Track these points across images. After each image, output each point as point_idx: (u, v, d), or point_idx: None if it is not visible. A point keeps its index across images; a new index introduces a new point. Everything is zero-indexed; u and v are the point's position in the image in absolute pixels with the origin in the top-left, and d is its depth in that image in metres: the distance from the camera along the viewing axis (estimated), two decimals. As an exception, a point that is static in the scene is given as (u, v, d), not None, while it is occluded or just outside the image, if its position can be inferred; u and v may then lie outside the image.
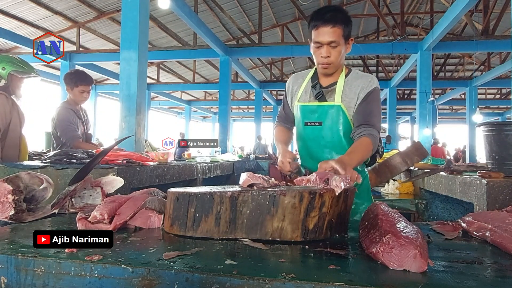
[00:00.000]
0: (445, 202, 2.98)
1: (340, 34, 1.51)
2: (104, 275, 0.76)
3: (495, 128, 2.20)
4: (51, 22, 9.88)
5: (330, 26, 1.49)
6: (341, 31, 1.51)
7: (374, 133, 1.54)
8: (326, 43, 1.51)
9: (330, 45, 1.52)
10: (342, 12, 1.54)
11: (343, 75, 1.64)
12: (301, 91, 1.72)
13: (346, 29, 1.53)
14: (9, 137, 2.65)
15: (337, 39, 1.51)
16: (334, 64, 1.57)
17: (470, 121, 13.06)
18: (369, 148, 1.50)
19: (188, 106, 19.90)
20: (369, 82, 1.60)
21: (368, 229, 0.94)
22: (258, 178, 1.15)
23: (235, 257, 0.82)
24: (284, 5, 11.06)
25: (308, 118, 1.68)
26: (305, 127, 1.69)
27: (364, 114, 1.58)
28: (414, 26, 13.62)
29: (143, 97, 4.82)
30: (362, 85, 1.60)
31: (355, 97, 1.60)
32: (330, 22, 1.49)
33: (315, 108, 1.66)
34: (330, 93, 1.64)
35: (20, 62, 2.70)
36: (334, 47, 1.53)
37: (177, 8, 6.89)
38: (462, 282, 0.69)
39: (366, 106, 1.58)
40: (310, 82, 1.71)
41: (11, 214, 1.21)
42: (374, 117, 1.58)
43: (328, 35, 1.50)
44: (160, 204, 1.19)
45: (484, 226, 1.04)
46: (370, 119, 1.56)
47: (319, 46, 1.54)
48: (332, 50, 1.53)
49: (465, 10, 6.74)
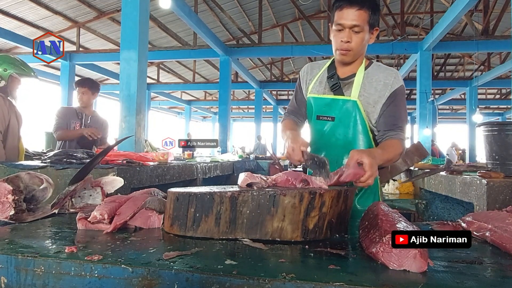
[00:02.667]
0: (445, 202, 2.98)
1: (365, 19, 1.38)
2: (104, 275, 0.76)
3: (495, 128, 2.20)
4: (51, 22, 9.88)
5: (356, 8, 1.36)
6: (367, 15, 1.38)
7: (403, 137, 1.45)
8: (348, 27, 1.38)
9: (352, 29, 1.39)
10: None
11: (363, 67, 1.50)
12: (314, 81, 1.58)
13: (373, 15, 1.40)
14: (9, 138, 2.67)
15: (361, 23, 1.38)
16: (354, 52, 1.43)
17: (470, 121, 13.07)
18: (399, 151, 1.41)
19: (188, 106, 19.91)
20: (393, 78, 1.46)
21: (368, 229, 0.94)
22: (256, 177, 1.15)
23: (235, 257, 0.82)
24: (284, 5, 11.05)
25: (320, 112, 1.54)
26: (317, 121, 1.55)
27: (394, 118, 1.46)
28: (414, 26, 13.61)
29: (143, 97, 4.82)
30: (386, 81, 1.46)
31: (375, 93, 1.46)
32: (357, 3, 1.37)
33: (329, 102, 1.52)
34: (348, 86, 1.50)
35: (21, 63, 2.71)
36: (356, 32, 1.39)
37: (177, 8, 6.89)
38: (462, 282, 0.69)
39: (394, 109, 1.45)
40: (326, 73, 1.56)
41: (11, 214, 1.20)
42: (403, 121, 1.47)
43: (352, 18, 1.37)
44: (160, 204, 1.19)
45: (484, 226, 1.04)
46: (398, 123, 1.45)
47: (341, 29, 1.41)
48: (354, 35, 1.40)
49: (465, 10, 6.75)
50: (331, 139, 1.53)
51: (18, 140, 2.79)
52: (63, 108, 3.68)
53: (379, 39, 11.83)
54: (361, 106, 1.47)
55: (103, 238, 1.00)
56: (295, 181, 1.14)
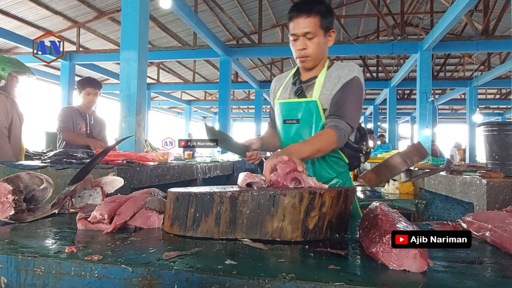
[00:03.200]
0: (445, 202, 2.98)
1: (316, 24, 1.44)
2: (104, 275, 0.76)
3: (495, 128, 2.20)
4: (51, 22, 9.88)
5: (305, 17, 1.43)
6: (318, 21, 1.44)
7: (341, 125, 1.41)
8: (301, 35, 1.46)
9: (305, 37, 1.46)
10: (320, 3, 1.46)
11: (325, 69, 1.55)
12: (281, 90, 1.66)
13: (324, 19, 1.46)
14: (12, 136, 2.69)
15: (312, 29, 1.44)
16: (312, 57, 1.50)
17: (470, 121, 13.06)
18: (330, 140, 1.38)
19: (188, 106, 19.90)
20: (348, 70, 1.50)
21: (368, 229, 0.94)
22: (255, 177, 1.15)
23: (235, 257, 0.82)
24: (284, 5, 11.05)
25: (286, 116, 1.61)
26: (284, 125, 1.62)
27: (336, 105, 1.47)
28: (414, 26, 13.61)
29: (143, 97, 4.82)
30: (341, 74, 1.50)
31: (333, 89, 1.50)
32: (305, 12, 1.43)
33: (293, 105, 1.58)
34: (310, 88, 1.56)
35: (17, 62, 2.76)
36: (310, 39, 1.46)
37: (177, 8, 6.89)
38: (462, 282, 0.69)
39: (340, 96, 1.47)
40: (291, 79, 1.64)
41: (11, 214, 1.21)
42: (346, 107, 1.45)
43: (303, 26, 1.44)
44: (160, 204, 1.19)
45: (484, 226, 1.04)
46: (340, 110, 1.44)
47: (296, 38, 1.48)
48: (308, 42, 1.47)
49: (465, 10, 6.74)
50: (298, 141, 1.59)
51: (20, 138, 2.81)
52: (67, 109, 3.59)
53: (379, 39, 11.85)
54: (320, 106, 1.51)
55: (103, 238, 1.00)
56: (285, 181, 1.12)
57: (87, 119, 3.43)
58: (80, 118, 3.37)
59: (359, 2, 11.96)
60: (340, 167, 1.63)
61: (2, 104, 2.59)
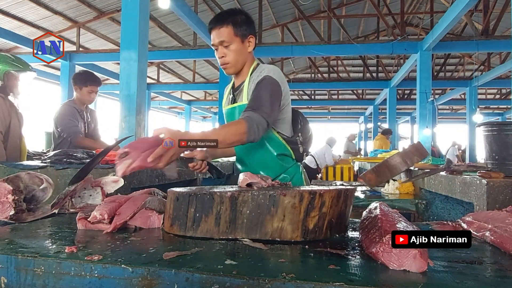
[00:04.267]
0: (445, 202, 2.98)
1: (230, 33, 1.56)
2: (104, 275, 0.76)
3: (495, 128, 2.20)
4: (51, 22, 9.87)
5: (218, 27, 1.57)
6: (231, 30, 1.56)
7: (254, 116, 1.39)
8: (218, 44, 1.58)
9: (222, 45, 1.58)
10: (234, 13, 1.60)
11: (250, 72, 1.67)
12: (224, 99, 1.81)
13: (238, 28, 1.57)
14: (10, 138, 2.65)
15: (226, 38, 1.56)
16: (232, 64, 1.61)
17: (470, 121, 13.05)
18: (239, 131, 1.34)
19: (188, 106, 19.90)
20: (260, 73, 1.61)
21: (368, 229, 0.94)
22: (256, 177, 1.16)
23: (235, 257, 0.82)
24: (284, 5, 11.05)
25: (228, 121, 1.73)
26: None
27: (251, 100, 1.52)
28: (414, 26, 13.61)
29: (143, 97, 4.81)
30: (256, 77, 1.61)
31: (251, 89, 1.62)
32: (217, 23, 1.57)
33: (230, 111, 1.72)
34: (239, 94, 1.69)
35: (14, 60, 2.64)
36: (226, 47, 1.58)
37: (177, 8, 6.89)
38: (462, 282, 0.69)
39: (254, 93, 1.53)
40: (230, 89, 1.78)
41: (11, 214, 1.21)
42: (259, 101, 1.48)
43: (218, 36, 1.57)
44: (160, 204, 1.19)
45: (484, 226, 1.04)
46: (254, 103, 1.48)
47: (216, 48, 1.61)
48: (226, 50, 1.59)
49: (465, 10, 6.74)
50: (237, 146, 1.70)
51: (20, 140, 2.78)
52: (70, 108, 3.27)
53: (379, 39, 11.85)
54: None
55: (103, 238, 1.00)
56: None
57: (84, 117, 3.32)
58: (79, 117, 3.27)
59: (359, 2, 11.95)
60: (286, 162, 1.72)
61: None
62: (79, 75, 3.36)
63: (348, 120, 25.57)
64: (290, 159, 1.74)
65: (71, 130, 3.16)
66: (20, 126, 2.76)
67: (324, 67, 16.15)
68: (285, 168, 1.71)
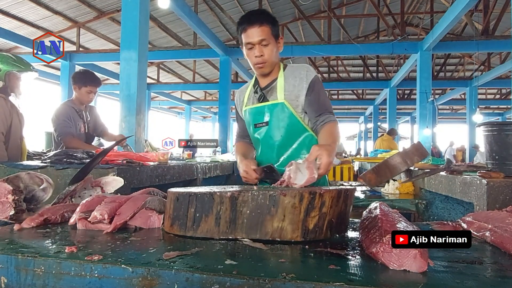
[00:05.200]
0: (445, 202, 2.98)
1: (268, 32, 1.58)
2: (104, 275, 0.76)
3: (495, 128, 2.20)
4: (51, 22, 9.88)
5: (258, 26, 1.56)
6: (269, 29, 1.58)
7: (335, 118, 1.60)
8: (257, 43, 1.58)
9: (261, 44, 1.59)
10: (266, 14, 1.63)
11: (281, 72, 1.69)
12: (245, 99, 1.79)
13: (274, 28, 1.60)
14: (11, 139, 2.65)
15: (266, 37, 1.58)
16: (269, 62, 1.63)
17: (470, 121, 13.06)
18: (339, 132, 1.57)
19: (188, 106, 19.90)
20: (306, 71, 1.65)
21: (368, 229, 0.94)
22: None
23: (235, 257, 0.82)
24: (284, 5, 11.05)
25: (256, 120, 1.73)
26: (255, 129, 1.74)
27: (318, 103, 1.62)
28: (414, 26, 13.61)
29: (143, 97, 4.82)
30: (300, 75, 1.65)
31: (294, 89, 1.64)
32: (257, 22, 1.57)
33: (260, 109, 1.71)
34: (271, 92, 1.69)
35: (15, 60, 2.62)
36: (265, 46, 1.59)
37: (177, 8, 6.89)
38: (462, 282, 0.69)
39: (316, 96, 1.62)
40: (252, 89, 1.77)
41: (11, 214, 1.20)
42: (326, 103, 1.63)
43: (258, 34, 1.57)
44: (160, 204, 1.19)
45: (484, 226, 1.04)
46: (325, 107, 1.62)
47: (251, 47, 1.60)
48: (264, 49, 1.60)
49: (465, 10, 6.75)
50: (269, 142, 1.71)
51: (21, 140, 2.78)
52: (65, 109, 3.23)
53: (379, 39, 11.85)
54: (289, 105, 1.64)
55: (103, 238, 1.00)
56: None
57: (84, 117, 3.28)
58: (78, 118, 3.22)
59: (359, 2, 11.96)
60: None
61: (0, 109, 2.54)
62: (79, 74, 3.31)
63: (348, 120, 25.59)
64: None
65: (62, 131, 3.11)
66: (21, 127, 2.76)
67: (324, 67, 16.15)
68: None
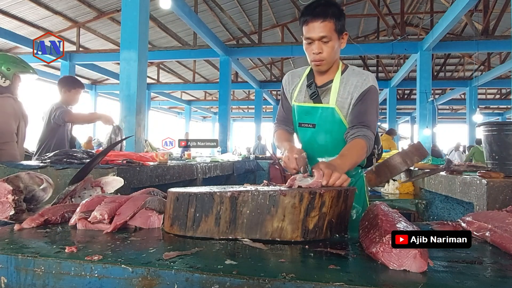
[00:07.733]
0: (445, 202, 2.98)
1: (331, 28, 1.43)
2: (104, 275, 0.76)
3: (495, 128, 2.20)
4: (51, 22, 9.88)
5: (321, 20, 1.41)
6: (333, 25, 1.43)
7: (369, 134, 1.44)
8: (317, 39, 1.44)
9: (321, 41, 1.44)
10: (333, 6, 1.45)
11: (339, 73, 1.55)
12: (297, 91, 1.64)
13: (338, 23, 1.44)
14: (20, 139, 2.69)
15: (328, 33, 1.42)
16: (327, 61, 1.49)
17: (470, 121, 13.07)
18: (363, 150, 1.41)
19: (188, 106, 19.91)
20: (363, 80, 1.51)
21: (368, 229, 0.94)
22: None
23: (235, 257, 0.82)
24: (284, 5, 11.05)
25: (302, 119, 1.61)
26: (299, 128, 1.63)
27: (358, 114, 1.49)
28: (414, 26, 13.61)
29: (143, 97, 4.82)
30: (356, 83, 1.51)
31: (348, 97, 1.51)
32: (320, 16, 1.41)
33: (309, 109, 1.58)
34: (325, 93, 1.56)
35: (20, 61, 2.71)
36: (325, 42, 1.44)
37: (177, 8, 6.89)
38: (462, 282, 0.69)
39: (360, 106, 1.49)
40: (305, 81, 1.62)
41: (11, 214, 1.20)
42: (369, 117, 1.48)
43: (319, 30, 1.42)
44: (160, 204, 1.19)
45: (484, 226, 1.04)
46: (364, 119, 1.47)
47: (311, 42, 1.46)
48: (324, 46, 1.45)
49: (465, 10, 6.75)
50: (313, 146, 1.60)
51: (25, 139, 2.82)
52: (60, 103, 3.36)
53: (379, 39, 11.84)
54: (339, 112, 1.53)
55: (103, 238, 1.00)
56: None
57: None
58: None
59: (359, 2, 11.96)
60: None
61: (11, 108, 2.56)
62: (66, 78, 3.54)
63: (348, 120, 25.53)
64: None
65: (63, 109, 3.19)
66: (25, 126, 2.79)
67: (324, 67, 16.11)
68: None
